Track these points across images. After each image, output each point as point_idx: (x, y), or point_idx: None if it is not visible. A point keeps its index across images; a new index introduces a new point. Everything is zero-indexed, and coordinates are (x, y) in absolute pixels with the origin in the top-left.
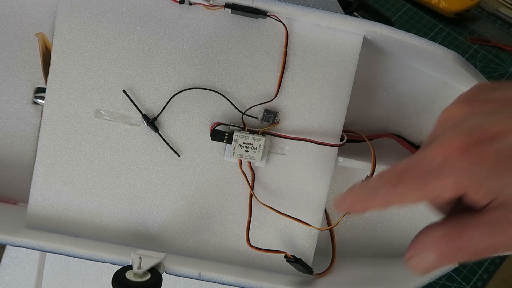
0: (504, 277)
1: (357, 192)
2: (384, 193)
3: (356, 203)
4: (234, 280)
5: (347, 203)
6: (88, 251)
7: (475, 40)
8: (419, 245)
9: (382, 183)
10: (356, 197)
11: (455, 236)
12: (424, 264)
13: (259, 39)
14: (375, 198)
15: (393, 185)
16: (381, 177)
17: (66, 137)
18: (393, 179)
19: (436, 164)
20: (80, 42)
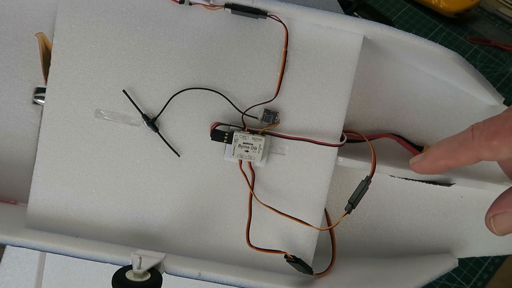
0: (504, 277)
1: (444, 146)
2: (477, 146)
3: (440, 159)
4: (234, 280)
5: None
6: (88, 251)
7: (475, 40)
8: (504, 204)
9: (476, 135)
10: (442, 153)
11: None
12: (507, 224)
13: (259, 39)
14: (464, 151)
15: (490, 137)
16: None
17: (66, 137)
18: (490, 130)
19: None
20: (80, 42)
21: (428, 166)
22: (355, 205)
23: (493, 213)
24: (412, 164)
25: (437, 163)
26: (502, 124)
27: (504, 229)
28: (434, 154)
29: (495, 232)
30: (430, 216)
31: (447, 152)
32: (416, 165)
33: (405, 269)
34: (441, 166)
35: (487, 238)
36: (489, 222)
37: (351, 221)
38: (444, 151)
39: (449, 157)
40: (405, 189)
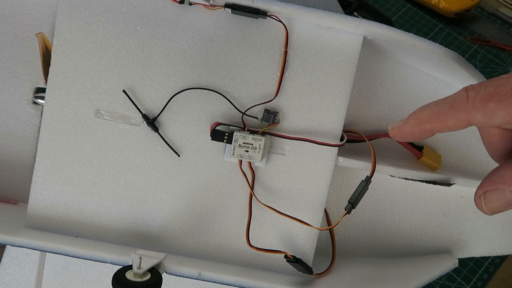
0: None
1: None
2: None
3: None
4: (234, 280)
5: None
6: (88, 251)
7: (475, 40)
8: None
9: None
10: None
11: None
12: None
13: (259, 39)
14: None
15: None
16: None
17: (66, 137)
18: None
19: None
20: (80, 42)
21: (410, 131)
22: (355, 205)
23: (484, 190)
24: (391, 129)
25: (422, 126)
26: (502, 85)
27: (495, 208)
28: (419, 116)
29: (484, 210)
30: (430, 216)
31: (434, 114)
32: (395, 130)
33: (405, 269)
34: (425, 131)
35: (487, 238)
36: (478, 200)
37: (351, 221)
38: (431, 113)
39: (436, 119)
40: (405, 189)
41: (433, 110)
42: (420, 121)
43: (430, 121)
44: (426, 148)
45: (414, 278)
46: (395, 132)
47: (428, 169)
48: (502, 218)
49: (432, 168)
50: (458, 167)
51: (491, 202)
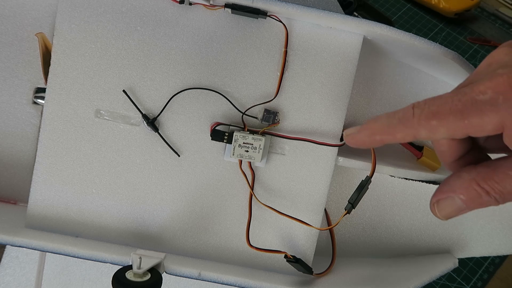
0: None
1: (381, 120)
2: (416, 124)
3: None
4: (234, 280)
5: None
6: (88, 251)
7: (475, 40)
8: (446, 190)
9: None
10: (379, 127)
11: (485, 179)
12: (449, 208)
13: (259, 39)
14: (402, 128)
15: (430, 116)
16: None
17: (66, 137)
18: (431, 109)
19: (485, 98)
20: (80, 42)
21: (362, 140)
22: (355, 205)
23: (437, 198)
24: (346, 136)
25: (373, 137)
26: (442, 104)
27: (447, 214)
28: (371, 128)
29: (439, 216)
30: (430, 216)
31: (385, 128)
32: (350, 137)
33: (405, 269)
34: (376, 141)
35: (487, 238)
36: (433, 207)
37: (351, 221)
38: (382, 126)
39: (386, 132)
40: (405, 189)
41: (384, 123)
42: (371, 132)
43: (381, 133)
44: (426, 148)
45: (414, 278)
46: (349, 139)
47: (428, 169)
48: (502, 218)
49: (432, 168)
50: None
51: (444, 209)
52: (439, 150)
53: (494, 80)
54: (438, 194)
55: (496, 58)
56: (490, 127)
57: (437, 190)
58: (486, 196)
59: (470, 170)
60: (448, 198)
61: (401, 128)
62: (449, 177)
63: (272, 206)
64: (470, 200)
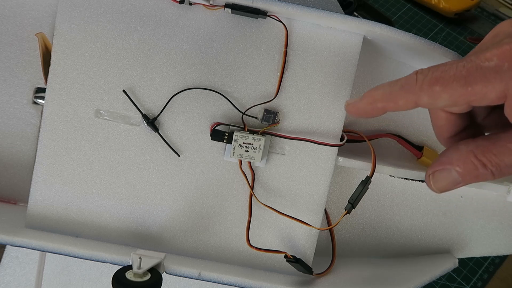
0: (504, 277)
1: (383, 87)
2: (418, 90)
3: (377, 101)
4: (234, 280)
5: (366, 101)
6: (88, 251)
7: (475, 40)
8: (443, 162)
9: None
10: (381, 94)
11: (484, 151)
12: (445, 181)
13: (259, 39)
14: (404, 94)
15: (433, 82)
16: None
17: (66, 137)
18: (434, 75)
19: (491, 64)
20: (80, 42)
21: (364, 108)
22: (355, 205)
23: (433, 170)
24: (347, 105)
25: (375, 105)
26: (447, 70)
27: (442, 186)
28: (373, 95)
29: (433, 189)
30: (430, 216)
31: (386, 95)
32: (351, 106)
33: (405, 269)
34: (378, 109)
35: (487, 238)
36: (428, 179)
37: (351, 221)
38: (384, 93)
39: (388, 99)
40: (405, 189)
41: (386, 90)
42: (373, 100)
43: (383, 100)
44: (426, 148)
45: (414, 278)
46: (350, 108)
47: None
48: (502, 218)
49: None
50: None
51: (439, 181)
52: (437, 124)
53: (500, 48)
54: (435, 165)
55: (503, 29)
56: (493, 95)
57: (433, 162)
58: (483, 169)
59: (468, 142)
60: (444, 170)
61: (403, 94)
62: (446, 149)
63: (272, 206)
64: (466, 173)
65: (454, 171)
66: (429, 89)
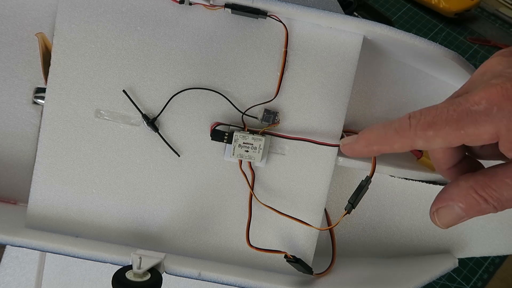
0: (504, 277)
1: (378, 130)
2: (412, 135)
3: (373, 144)
4: (234, 280)
5: (362, 144)
6: (88, 251)
7: (475, 40)
8: (445, 198)
9: (413, 124)
10: (376, 137)
11: (483, 186)
12: (449, 217)
13: (259, 39)
14: (399, 139)
15: (426, 127)
16: (413, 118)
17: (66, 137)
18: (426, 120)
19: (480, 108)
20: (80, 42)
21: (360, 150)
22: (355, 205)
23: (436, 207)
24: (343, 146)
25: (370, 147)
26: (438, 115)
27: (447, 222)
28: (368, 138)
29: (439, 225)
30: None
31: (382, 138)
32: (347, 147)
33: (405, 269)
34: (373, 151)
35: (487, 238)
36: (433, 216)
37: (351, 221)
38: (379, 137)
39: (383, 143)
40: (405, 189)
41: (380, 133)
42: (369, 143)
43: (378, 143)
44: None
45: (414, 278)
46: (346, 149)
47: (428, 169)
48: (502, 218)
49: (432, 168)
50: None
51: (443, 218)
52: (434, 157)
53: (487, 91)
54: (437, 202)
55: (490, 67)
56: (486, 137)
57: (436, 199)
58: (485, 204)
59: (467, 178)
60: (447, 206)
61: (398, 138)
62: (447, 186)
63: (272, 206)
64: (469, 208)
65: (457, 207)
66: (422, 134)
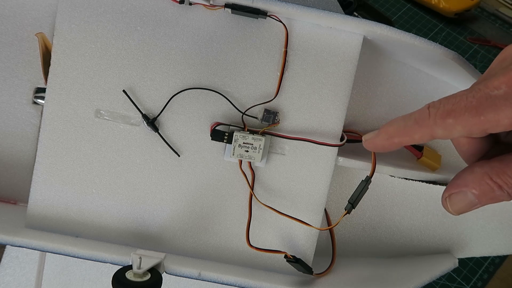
0: (504, 277)
1: (398, 123)
2: (432, 124)
3: (394, 137)
4: (234, 280)
5: (383, 137)
6: (88, 251)
7: (475, 40)
8: (459, 184)
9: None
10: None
11: (498, 173)
12: (461, 203)
13: (259, 39)
14: (419, 129)
15: (445, 115)
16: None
17: (66, 137)
18: (446, 108)
19: (500, 93)
20: (80, 42)
21: (381, 144)
22: (355, 205)
23: (449, 193)
24: (365, 141)
25: (391, 140)
26: (457, 102)
27: (459, 208)
28: (388, 131)
29: (450, 211)
30: (430, 216)
31: (402, 130)
32: (368, 142)
33: (405, 269)
34: (394, 144)
35: (487, 238)
36: (445, 202)
37: (351, 221)
38: (399, 129)
39: (403, 134)
40: (405, 189)
41: (400, 125)
42: (389, 135)
43: (398, 135)
44: (426, 148)
45: (414, 278)
46: (368, 144)
47: (428, 169)
48: (502, 218)
49: (432, 168)
50: (458, 167)
51: (456, 204)
52: (461, 150)
53: (507, 75)
54: (451, 188)
55: (509, 54)
56: (506, 122)
57: (449, 184)
58: (499, 190)
59: (483, 164)
60: (460, 192)
61: (418, 128)
62: (461, 171)
63: (272, 206)
64: (482, 195)
65: (470, 193)
66: (442, 122)
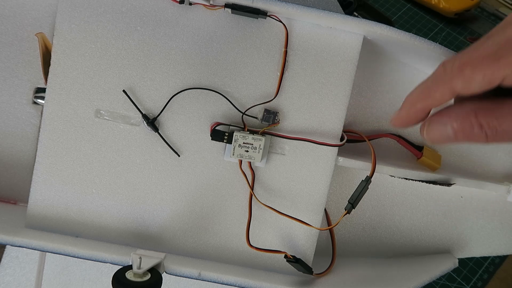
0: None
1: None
2: (449, 78)
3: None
4: (234, 280)
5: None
6: (88, 251)
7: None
8: (442, 114)
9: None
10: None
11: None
12: (437, 133)
13: (259, 39)
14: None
15: (462, 66)
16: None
17: (66, 137)
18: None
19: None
20: (80, 42)
21: (406, 114)
22: (355, 205)
23: (431, 120)
24: (392, 120)
25: (414, 108)
26: (473, 51)
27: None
28: (409, 100)
29: (425, 137)
30: (430, 216)
31: (421, 93)
32: (395, 119)
33: (405, 269)
34: (419, 111)
35: (487, 238)
36: (423, 127)
37: (351, 221)
38: (419, 93)
39: (424, 97)
40: (405, 189)
41: (419, 90)
42: (411, 103)
43: (419, 99)
44: (426, 148)
45: (414, 278)
46: (395, 121)
47: (428, 169)
48: (502, 218)
49: (432, 168)
50: (458, 167)
51: (431, 132)
52: None
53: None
54: (435, 115)
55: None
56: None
57: (436, 112)
58: (478, 129)
59: (474, 101)
60: (440, 122)
61: (437, 87)
62: (453, 104)
63: (272, 206)
64: (460, 131)
65: (449, 126)
66: (460, 74)
